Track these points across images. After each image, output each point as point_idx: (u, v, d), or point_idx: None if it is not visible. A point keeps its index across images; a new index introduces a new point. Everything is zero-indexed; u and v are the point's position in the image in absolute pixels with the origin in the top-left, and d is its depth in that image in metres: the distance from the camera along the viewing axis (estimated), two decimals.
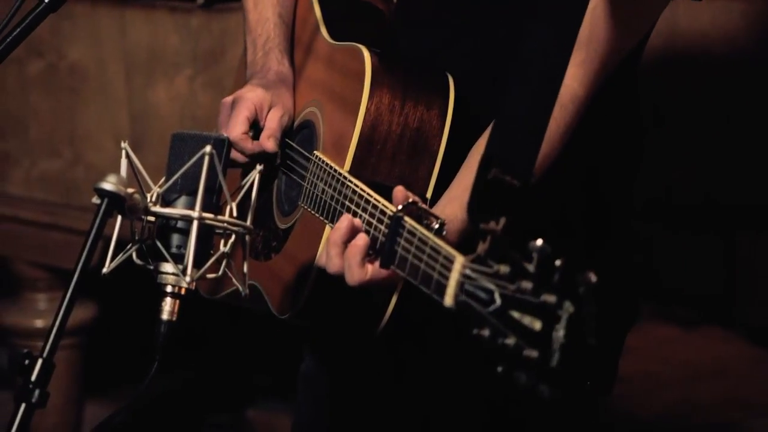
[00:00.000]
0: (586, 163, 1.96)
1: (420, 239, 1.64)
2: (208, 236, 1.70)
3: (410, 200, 1.72)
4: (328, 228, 1.89)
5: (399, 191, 1.76)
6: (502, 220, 1.44)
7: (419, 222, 1.68)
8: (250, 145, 2.00)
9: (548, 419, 2.02)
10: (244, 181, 1.75)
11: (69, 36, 3.26)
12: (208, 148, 1.66)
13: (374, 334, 1.88)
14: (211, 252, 1.70)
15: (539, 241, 1.39)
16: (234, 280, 1.74)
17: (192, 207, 1.66)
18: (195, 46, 3.19)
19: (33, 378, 1.52)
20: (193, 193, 1.67)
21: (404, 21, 2.07)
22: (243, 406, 4.19)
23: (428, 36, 2.02)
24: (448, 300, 1.52)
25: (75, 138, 3.30)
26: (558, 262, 1.37)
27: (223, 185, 1.69)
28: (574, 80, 1.81)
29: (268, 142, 2.00)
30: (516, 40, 1.86)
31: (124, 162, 1.68)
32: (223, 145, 1.71)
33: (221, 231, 1.72)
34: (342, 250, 1.78)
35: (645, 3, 1.85)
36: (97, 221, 1.58)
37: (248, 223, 1.72)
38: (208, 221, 1.67)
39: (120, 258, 1.67)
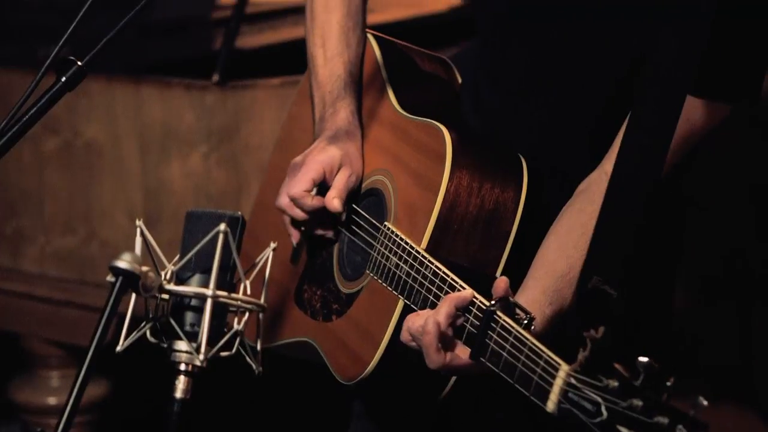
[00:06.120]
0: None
1: (516, 338, 1.69)
2: (222, 314, 1.70)
3: (505, 295, 1.75)
4: (401, 302, 1.91)
5: (502, 281, 1.78)
6: (601, 329, 1.50)
7: (510, 316, 1.72)
8: (309, 201, 2.01)
9: None
10: (258, 259, 1.75)
11: (84, 113, 3.28)
12: (222, 226, 1.66)
13: (435, 402, 1.91)
14: (225, 330, 1.70)
15: (645, 358, 1.45)
16: (248, 359, 1.74)
17: (206, 285, 1.67)
18: (209, 123, 3.20)
19: None
20: (207, 271, 1.67)
21: (474, 97, 2.09)
22: None
23: (499, 114, 2.04)
24: (551, 405, 1.58)
25: (90, 215, 3.31)
26: (669, 383, 1.44)
27: (237, 263, 1.69)
28: None
29: (333, 201, 2.01)
30: (586, 109, 1.90)
31: (138, 239, 1.68)
32: (237, 223, 1.71)
33: (235, 309, 1.72)
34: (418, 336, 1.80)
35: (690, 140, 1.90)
36: (112, 299, 1.59)
37: (262, 300, 1.72)
38: (222, 299, 1.67)
39: (134, 336, 1.67)
